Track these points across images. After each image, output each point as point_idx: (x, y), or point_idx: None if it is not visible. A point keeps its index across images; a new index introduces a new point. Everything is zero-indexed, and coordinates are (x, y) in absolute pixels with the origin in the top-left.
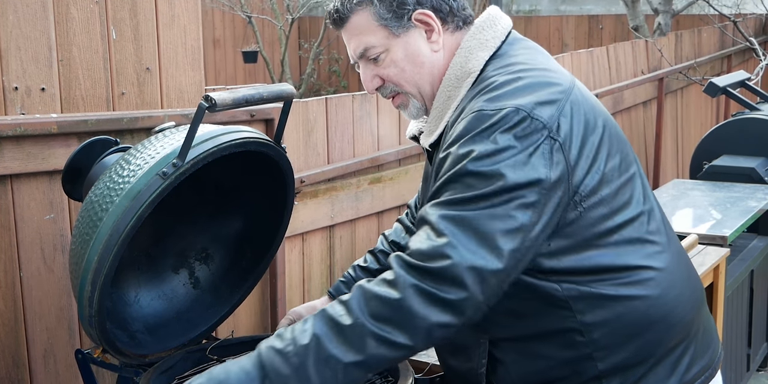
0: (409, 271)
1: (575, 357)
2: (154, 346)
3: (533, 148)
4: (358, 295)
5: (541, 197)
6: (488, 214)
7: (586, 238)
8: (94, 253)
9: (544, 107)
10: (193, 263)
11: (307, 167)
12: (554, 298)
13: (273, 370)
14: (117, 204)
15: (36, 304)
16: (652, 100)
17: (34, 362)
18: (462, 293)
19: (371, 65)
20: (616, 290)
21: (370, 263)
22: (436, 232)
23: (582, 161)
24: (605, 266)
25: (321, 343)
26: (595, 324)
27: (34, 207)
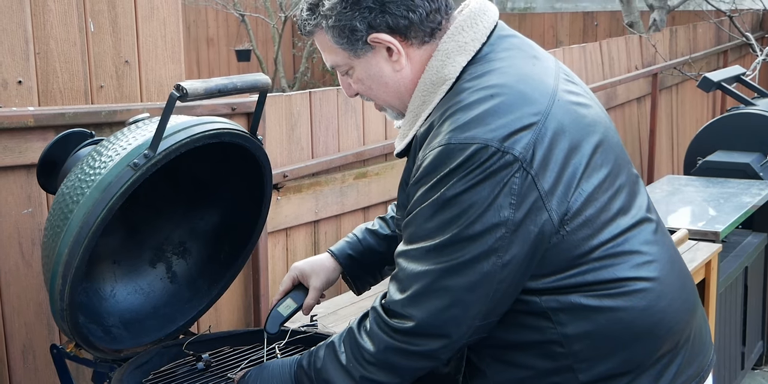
0: (381, 328)
1: (555, 368)
2: (129, 340)
3: (501, 186)
4: (350, 339)
5: (505, 240)
6: (448, 268)
7: (568, 259)
8: (65, 245)
9: (517, 136)
10: (171, 257)
11: (290, 162)
12: (533, 308)
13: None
14: (87, 196)
15: (14, 299)
16: (646, 96)
17: (13, 358)
18: (433, 344)
19: (344, 75)
20: (600, 301)
21: (379, 228)
22: (401, 287)
23: (561, 187)
24: (587, 282)
25: (329, 373)
26: (577, 336)
27: (11, 201)
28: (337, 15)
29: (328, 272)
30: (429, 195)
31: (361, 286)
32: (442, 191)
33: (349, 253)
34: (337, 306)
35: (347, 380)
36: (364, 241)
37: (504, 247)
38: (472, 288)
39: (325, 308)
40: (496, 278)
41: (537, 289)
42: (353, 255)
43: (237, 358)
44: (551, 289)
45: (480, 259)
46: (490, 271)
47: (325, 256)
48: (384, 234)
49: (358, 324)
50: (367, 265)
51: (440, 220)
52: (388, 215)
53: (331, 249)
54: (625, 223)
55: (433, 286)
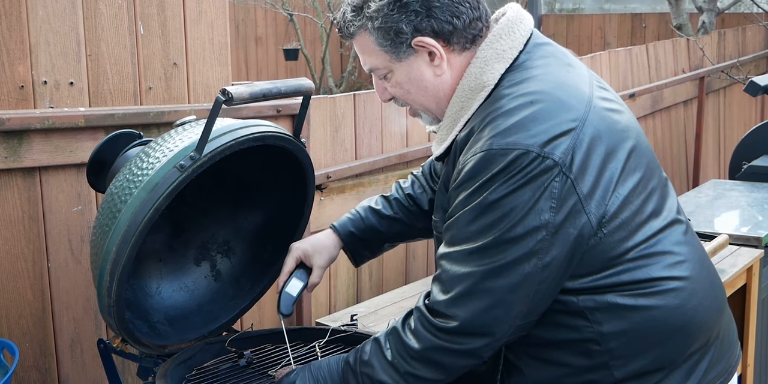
0: (425, 326)
1: (591, 365)
2: (174, 337)
3: (541, 190)
4: (394, 336)
5: (546, 242)
6: (491, 270)
7: (604, 260)
8: (113, 244)
9: (556, 142)
10: (215, 256)
11: (334, 163)
12: (571, 308)
13: (347, 382)
14: (135, 196)
15: (63, 295)
16: (692, 99)
17: (61, 352)
18: (476, 343)
19: (381, 80)
20: (635, 301)
21: (382, 207)
22: (445, 288)
23: (599, 190)
24: (623, 282)
25: (374, 368)
26: (613, 334)
27: (62, 199)
28: (383, 17)
29: (330, 250)
30: (471, 199)
31: (359, 260)
32: (484, 195)
33: (351, 231)
34: (378, 306)
35: (393, 375)
36: (367, 219)
37: (544, 249)
38: (514, 289)
39: (366, 307)
40: (537, 279)
41: (574, 289)
42: (355, 232)
43: (279, 355)
44: (588, 289)
45: (521, 261)
46: (531, 272)
47: (325, 234)
48: (386, 214)
49: (403, 322)
50: (367, 241)
51: (482, 223)
52: (392, 196)
53: (334, 224)
54: (657, 225)
55: (476, 287)
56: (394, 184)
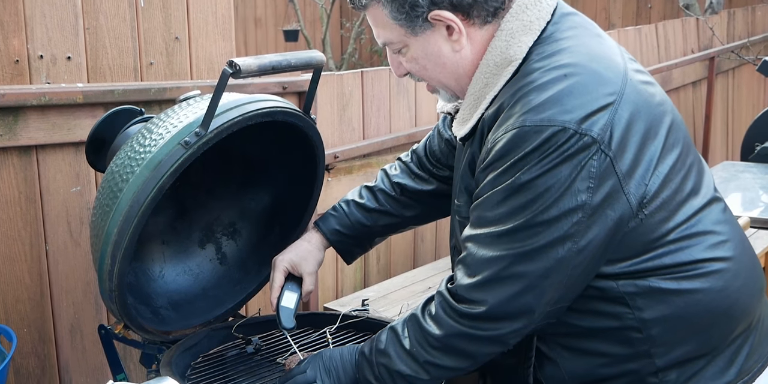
0: (447, 312)
1: (632, 354)
2: (178, 322)
3: (578, 169)
4: (413, 323)
5: (582, 225)
6: (522, 254)
7: (644, 242)
8: (114, 225)
9: (594, 118)
10: (220, 238)
11: (341, 142)
12: (609, 294)
13: (363, 374)
14: (137, 174)
15: (62, 279)
16: (702, 80)
17: (61, 338)
18: (503, 330)
19: (396, 54)
20: (678, 284)
21: (366, 200)
22: (470, 272)
23: (640, 169)
24: (665, 265)
25: (391, 358)
26: (655, 320)
27: (60, 179)
28: None
29: (315, 254)
30: (501, 179)
31: (349, 258)
32: (516, 176)
33: (337, 229)
34: (387, 290)
35: (411, 365)
36: (352, 215)
37: (580, 233)
38: (546, 274)
39: (376, 292)
40: (571, 264)
41: (613, 274)
42: (341, 230)
43: (288, 342)
44: (628, 274)
45: (555, 244)
46: (565, 257)
47: (308, 238)
48: (371, 207)
49: (422, 308)
50: (355, 237)
51: (513, 205)
52: (377, 187)
53: (317, 223)
54: (697, 203)
55: (505, 271)
56: (380, 171)
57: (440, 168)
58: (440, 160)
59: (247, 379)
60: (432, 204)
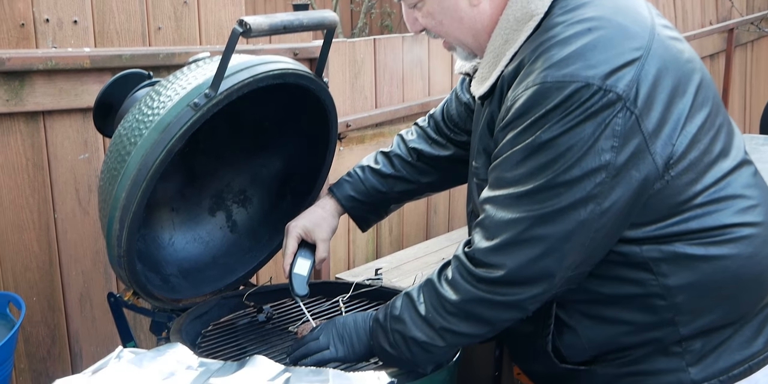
0: (464, 277)
1: (655, 322)
2: (188, 290)
3: (602, 127)
4: (429, 289)
5: (605, 186)
6: (542, 216)
7: (671, 205)
8: (122, 189)
9: (619, 74)
10: (231, 206)
11: (353, 111)
12: (633, 260)
13: (377, 341)
14: (146, 137)
15: (71, 247)
16: (720, 52)
17: (70, 307)
18: (521, 295)
19: (411, 9)
20: (705, 250)
21: (382, 166)
22: (489, 235)
23: (667, 128)
24: (692, 230)
25: (406, 324)
26: (680, 287)
27: (67, 146)
28: None
29: (329, 221)
30: (521, 138)
31: (365, 225)
32: (537, 134)
33: (352, 195)
34: (400, 261)
35: (427, 331)
36: (367, 181)
37: (603, 194)
38: (568, 237)
39: (389, 263)
40: (593, 227)
41: (637, 239)
42: (355, 196)
43: (300, 310)
44: (653, 239)
45: (577, 206)
46: (588, 219)
47: (322, 204)
48: (387, 173)
49: (439, 273)
50: (371, 204)
51: (534, 164)
52: (393, 152)
53: (332, 189)
54: (726, 165)
55: (525, 234)
56: (396, 136)
57: (458, 133)
58: (458, 125)
59: (259, 347)
60: (449, 170)
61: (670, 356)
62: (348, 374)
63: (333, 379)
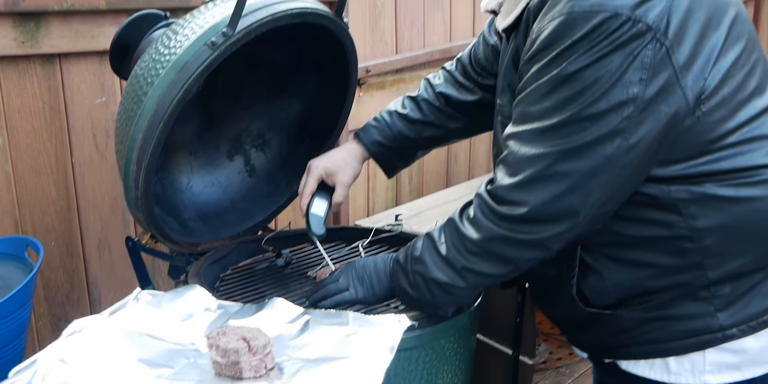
0: (486, 215)
1: (682, 265)
2: (206, 234)
3: (630, 59)
4: (450, 228)
5: (633, 120)
6: (567, 151)
7: (702, 143)
8: (139, 130)
9: (649, 4)
10: (249, 150)
11: (373, 56)
12: (660, 201)
13: (398, 282)
14: (162, 77)
15: (89, 192)
16: (747, 1)
17: (89, 252)
18: (544, 233)
19: None
20: (737, 191)
21: (410, 111)
22: (512, 171)
23: (698, 61)
24: (723, 170)
25: (427, 265)
26: (709, 229)
27: (84, 89)
28: None
29: (353, 165)
30: (546, 70)
31: (391, 171)
32: (562, 66)
33: (378, 140)
34: (420, 208)
35: (447, 272)
36: (394, 126)
37: (631, 128)
38: (593, 173)
39: (409, 210)
40: (620, 163)
41: (666, 178)
42: (382, 141)
43: (319, 255)
44: (682, 178)
45: (603, 140)
46: (614, 154)
47: (347, 148)
48: (415, 118)
49: (460, 212)
50: (397, 150)
51: (559, 97)
52: (420, 96)
53: (358, 133)
54: (761, 104)
55: (549, 170)
56: (423, 80)
57: (485, 76)
58: (485, 68)
59: (278, 292)
60: (477, 115)
61: (698, 301)
62: (368, 317)
63: (353, 321)
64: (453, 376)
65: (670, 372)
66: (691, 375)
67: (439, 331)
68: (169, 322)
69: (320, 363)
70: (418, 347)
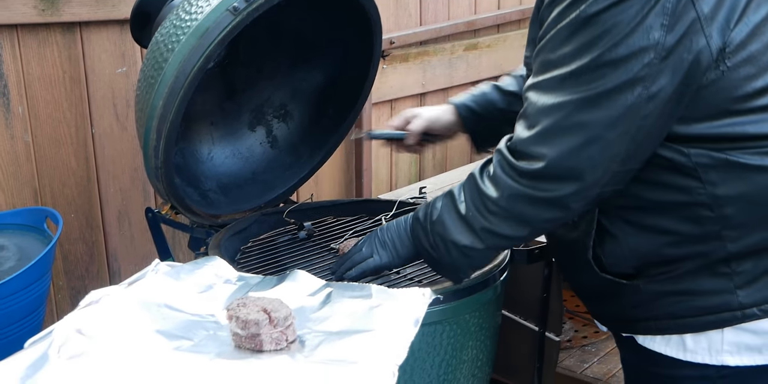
0: (506, 171)
1: (700, 234)
2: (227, 206)
3: (652, 2)
4: (470, 186)
5: (653, 67)
6: (586, 99)
7: (726, 101)
8: (159, 97)
9: None
10: (271, 120)
11: (397, 28)
12: (680, 165)
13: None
14: (183, 43)
15: (109, 164)
16: None
17: (109, 224)
18: (564, 189)
19: None
20: (761, 160)
21: (507, 84)
22: (530, 123)
23: (724, 11)
24: (748, 135)
25: (445, 224)
26: (729, 198)
27: (105, 59)
28: None
29: (447, 124)
30: (565, 14)
31: (480, 143)
32: (581, 8)
33: (468, 105)
34: (443, 182)
35: (466, 232)
36: (487, 95)
37: (651, 76)
38: (613, 123)
39: (433, 184)
40: (641, 113)
41: (687, 137)
42: (473, 107)
43: (342, 228)
44: (704, 139)
45: (623, 88)
46: (635, 103)
47: (444, 108)
48: (508, 90)
49: (481, 169)
50: (486, 118)
51: (578, 42)
52: (517, 73)
53: (451, 99)
54: None
55: (567, 120)
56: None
57: None
58: None
59: (299, 265)
60: None
61: (717, 276)
62: (392, 290)
63: (376, 294)
64: (477, 351)
65: (686, 349)
66: (708, 354)
67: (464, 305)
68: (188, 294)
69: (343, 336)
70: (443, 322)
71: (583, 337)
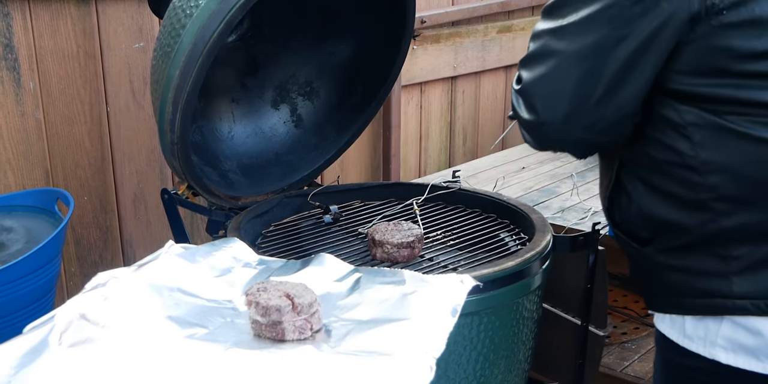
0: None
1: (694, 201)
2: (248, 188)
3: None
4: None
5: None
6: (557, 29)
7: (720, 59)
8: (175, 67)
9: None
10: (296, 98)
11: (428, 6)
12: (673, 123)
13: None
14: (203, 7)
15: (125, 144)
16: None
17: (124, 208)
18: (533, 117)
19: None
20: (752, 128)
21: None
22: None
23: None
24: (744, 100)
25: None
26: (714, 165)
27: (121, 33)
28: None
29: None
30: None
31: None
32: None
33: None
34: (476, 169)
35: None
36: None
37: (622, 18)
38: (579, 59)
39: (465, 170)
40: (608, 53)
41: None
42: None
43: (371, 212)
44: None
45: (589, 23)
46: (601, 43)
47: None
48: None
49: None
50: None
51: None
52: None
53: None
54: None
55: (543, 47)
56: None
57: None
58: None
59: (325, 250)
60: None
61: (715, 258)
62: (427, 276)
63: (410, 281)
64: (517, 345)
65: (685, 334)
66: (702, 344)
67: (504, 294)
68: (204, 277)
69: (373, 325)
70: (480, 312)
71: (622, 333)
